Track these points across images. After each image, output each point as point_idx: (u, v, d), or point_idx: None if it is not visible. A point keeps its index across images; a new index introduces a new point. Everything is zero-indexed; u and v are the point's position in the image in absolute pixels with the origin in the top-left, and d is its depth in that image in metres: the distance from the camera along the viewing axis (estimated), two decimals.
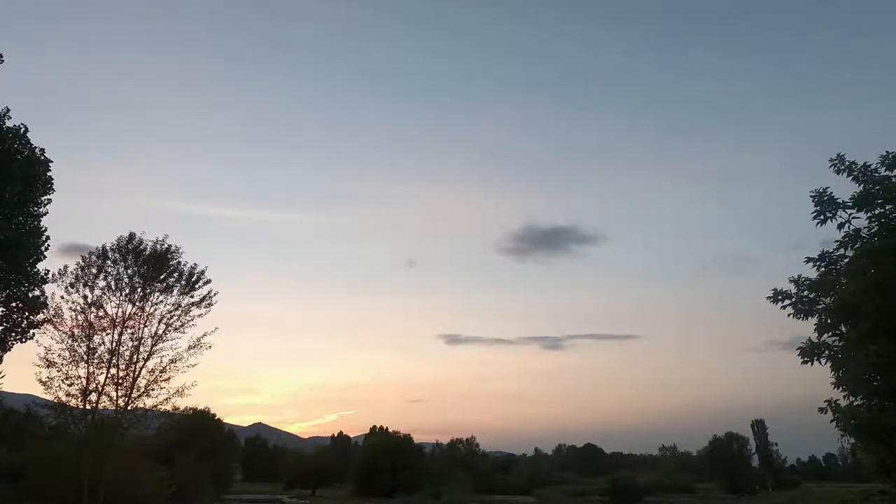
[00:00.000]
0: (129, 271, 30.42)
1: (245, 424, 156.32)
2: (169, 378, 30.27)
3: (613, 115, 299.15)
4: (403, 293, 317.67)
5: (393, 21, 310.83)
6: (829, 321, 11.21)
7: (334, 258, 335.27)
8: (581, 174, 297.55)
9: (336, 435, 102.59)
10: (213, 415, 57.60)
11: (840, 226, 11.29)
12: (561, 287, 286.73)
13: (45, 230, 20.12)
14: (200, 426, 52.40)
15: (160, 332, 30.58)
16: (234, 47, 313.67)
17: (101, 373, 29.51)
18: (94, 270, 29.98)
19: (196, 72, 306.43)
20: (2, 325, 19.95)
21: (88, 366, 29.28)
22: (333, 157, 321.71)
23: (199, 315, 31.18)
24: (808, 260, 11.79)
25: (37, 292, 20.73)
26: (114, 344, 29.85)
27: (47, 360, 28.40)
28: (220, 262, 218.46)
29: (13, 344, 20.49)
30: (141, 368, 30.20)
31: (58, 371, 28.64)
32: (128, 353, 30.10)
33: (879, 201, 10.88)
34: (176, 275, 31.03)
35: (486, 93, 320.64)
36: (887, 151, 11.07)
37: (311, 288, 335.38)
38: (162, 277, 30.79)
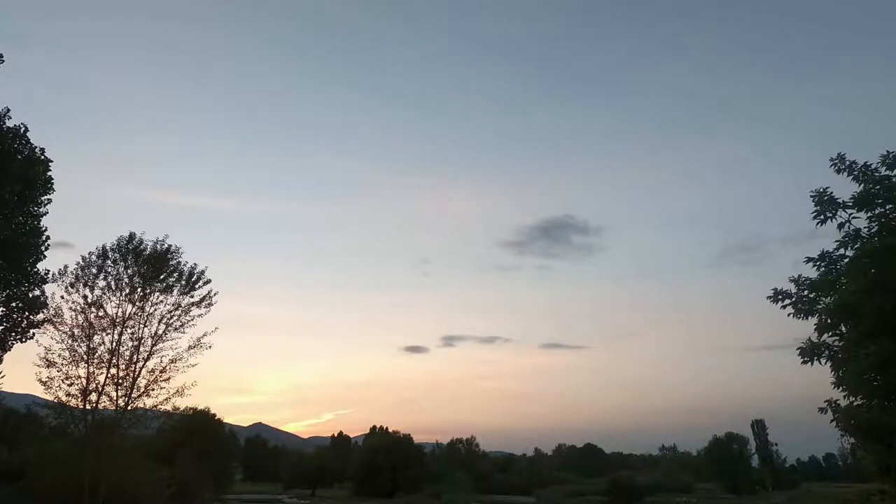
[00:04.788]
0: (129, 271, 30.44)
1: (245, 424, 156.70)
2: (169, 378, 30.33)
3: (613, 112, 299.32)
4: (402, 291, 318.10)
5: (395, 19, 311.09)
6: (829, 321, 11.19)
7: (332, 256, 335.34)
8: (581, 170, 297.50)
9: (336, 435, 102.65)
10: (213, 415, 57.72)
11: (840, 226, 11.27)
12: (561, 286, 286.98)
13: (45, 230, 20.16)
14: (200, 426, 52.40)
15: (160, 332, 30.63)
16: (236, 45, 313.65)
17: (101, 373, 29.53)
18: (94, 270, 30.01)
19: (195, 69, 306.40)
20: (2, 325, 19.94)
21: (88, 366, 29.29)
22: (334, 155, 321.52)
23: (199, 315, 31.25)
24: (808, 260, 11.77)
25: (37, 292, 20.75)
26: (114, 344, 29.88)
27: (47, 360, 28.42)
28: (218, 260, 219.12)
29: (13, 344, 20.48)
30: (141, 368, 30.22)
31: (58, 371, 28.67)
32: (128, 353, 30.12)
33: (879, 201, 10.86)
34: (176, 275, 31.05)
35: (486, 91, 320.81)
36: (888, 151, 11.03)
37: (309, 286, 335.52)
38: (162, 277, 30.80)
